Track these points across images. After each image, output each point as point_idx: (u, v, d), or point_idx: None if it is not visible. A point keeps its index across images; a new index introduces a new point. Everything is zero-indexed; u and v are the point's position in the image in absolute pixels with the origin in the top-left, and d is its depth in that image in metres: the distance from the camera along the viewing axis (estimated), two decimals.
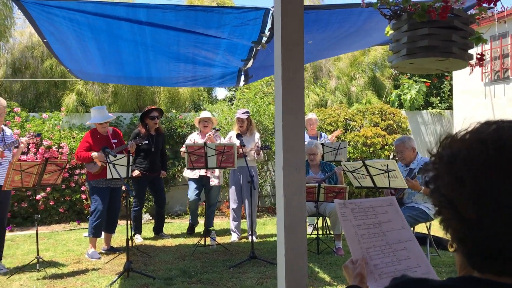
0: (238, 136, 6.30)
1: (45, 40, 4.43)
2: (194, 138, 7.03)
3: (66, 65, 5.31)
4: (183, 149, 6.81)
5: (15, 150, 5.52)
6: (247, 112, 6.85)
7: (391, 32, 2.37)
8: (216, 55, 5.13)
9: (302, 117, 2.05)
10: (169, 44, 4.74)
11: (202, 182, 6.98)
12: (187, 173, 7.13)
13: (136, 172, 6.57)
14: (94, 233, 5.89)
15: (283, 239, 2.05)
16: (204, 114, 7.24)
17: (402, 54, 2.20)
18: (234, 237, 6.83)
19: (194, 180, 7.06)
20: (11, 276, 5.01)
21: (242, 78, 6.15)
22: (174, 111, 10.06)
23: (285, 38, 2.03)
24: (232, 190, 6.86)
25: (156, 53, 5.03)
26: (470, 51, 2.26)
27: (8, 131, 5.47)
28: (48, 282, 4.80)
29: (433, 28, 2.06)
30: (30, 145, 8.06)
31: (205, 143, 6.05)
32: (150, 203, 8.62)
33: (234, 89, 13.28)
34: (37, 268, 5.21)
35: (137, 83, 6.87)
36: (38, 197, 5.95)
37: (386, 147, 9.31)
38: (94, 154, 5.79)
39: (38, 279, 4.93)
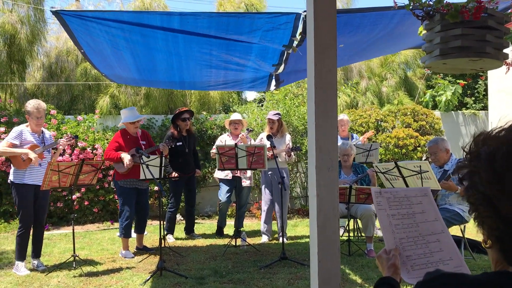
0: (269, 137, 6.32)
1: (82, 50, 4.58)
2: (225, 139, 7.10)
3: (102, 72, 5.46)
4: (213, 150, 6.88)
5: (53, 151, 5.70)
6: (278, 113, 6.87)
7: (424, 32, 2.35)
8: (248, 61, 5.18)
9: (335, 117, 2.06)
10: (202, 52, 4.82)
11: (233, 183, 7.03)
12: (218, 174, 7.19)
13: (174, 174, 6.67)
14: (125, 234, 6.01)
15: (316, 239, 2.06)
16: (235, 116, 7.29)
17: (435, 55, 2.18)
18: (264, 239, 6.85)
19: (226, 181, 7.12)
20: (49, 273, 5.18)
21: (273, 82, 6.18)
22: (204, 113, 10.17)
23: (318, 40, 2.05)
24: (264, 192, 6.88)
25: (189, 60, 5.11)
26: (505, 50, 2.22)
27: (47, 133, 5.66)
28: (84, 280, 4.94)
29: (466, 28, 2.04)
30: (66, 147, 8.29)
31: (235, 144, 6.10)
32: (181, 204, 8.74)
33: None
34: (74, 266, 5.37)
35: (170, 86, 7.01)
36: (73, 197, 6.10)
37: (419, 148, 9.17)
38: (124, 155, 5.87)
39: (74, 276, 5.08)
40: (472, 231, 7.05)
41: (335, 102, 2.06)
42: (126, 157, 5.84)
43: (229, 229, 7.58)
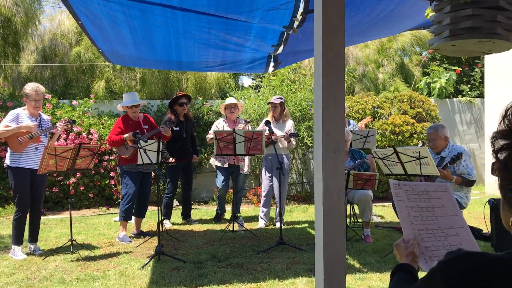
0: (267, 122, 6.28)
1: (80, 22, 4.48)
2: (222, 125, 7.06)
3: (99, 46, 5.34)
4: (210, 135, 6.85)
5: (49, 136, 5.65)
6: (280, 98, 6.83)
7: (431, 14, 2.32)
8: (247, 41, 5.11)
9: (342, 100, 2.04)
10: (200, 30, 4.75)
11: (230, 170, 7.03)
12: (215, 162, 7.17)
13: (171, 159, 6.65)
14: (125, 217, 6.01)
15: (321, 223, 2.04)
16: (230, 100, 7.25)
17: (444, 36, 2.15)
18: (261, 224, 6.86)
19: (222, 168, 7.11)
20: (46, 258, 5.16)
21: (271, 64, 6.11)
22: (200, 98, 10.11)
23: (325, 21, 2.01)
24: (264, 177, 6.87)
25: (187, 39, 5.04)
26: None
27: (45, 117, 5.61)
28: (82, 264, 4.92)
29: (477, 8, 2.01)
30: (62, 132, 8.23)
31: (233, 129, 6.07)
32: (177, 189, 8.72)
33: (261, 75, 13.27)
34: (71, 250, 5.35)
35: (167, 67, 6.89)
36: (69, 182, 6.07)
37: (415, 135, 9.19)
38: (126, 135, 5.90)
39: (72, 260, 5.06)
40: (468, 217, 7.10)
41: (342, 84, 2.03)
42: (128, 135, 5.89)
43: (226, 214, 7.59)
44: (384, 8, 4.20)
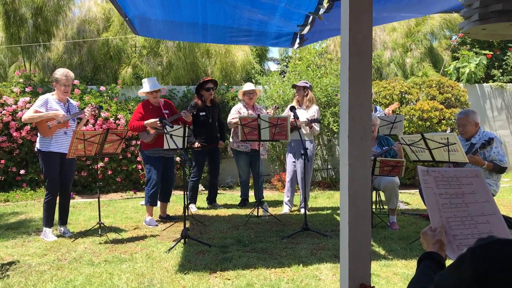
0: (292, 108, 6.25)
1: None
2: (244, 110, 7.06)
3: (126, 13, 5.23)
4: (234, 120, 6.87)
5: (77, 121, 5.76)
6: (306, 82, 6.78)
7: None
8: (272, 19, 5.04)
9: (369, 85, 2.00)
10: None
11: (250, 155, 7.08)
12: (237, 147, 7.19)
13: (197, 144, 6.70)
14: (151, 202, 6.09)
15: (347, 208, 2.03)
16: (248, 86, 7.22)
17: (473, 20, 2.08)
18: (285, 209, 6.86)
19: (243, 154, 7.15)
20: (76, 240, 5.29)
21: (297, 40, 6.01)
22: (226, 84, 10.11)
23: (352, 4, 1.97)
24: (288, 163, 6.86)
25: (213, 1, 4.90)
26: None
27: (73, 102, 5.71)
28: (110, 246, 5.03)
29: None
30: (90, 117, 8.37)
31: (258, 115, 6.06)
32: (203, 174, 8.79)
33: (286, 61, 13.16)
34: (99, 233, 5.48)
35: (192, 37, 6.63)
36: (97, 166, 6.19)
37: (443, 121, 9.00)
38: (147, 121, 5.96)
39: (100, 243, 5.18)
40: (498, 206, 6.96)
41: (369, 69, 2.00)
42: (149, 121, 5.94)
43: (250, 199, 7.62)
44: None
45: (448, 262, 1.31)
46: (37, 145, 5.41)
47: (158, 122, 5.78)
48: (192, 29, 5.84)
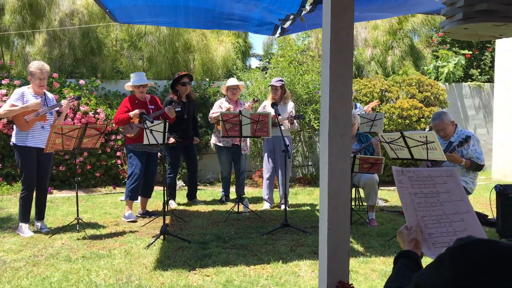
0: (273, 105, 6.25)
1: None
2: (225, 105, 7.03)
3: (105, 4, 5.09)
4: (214, 114, 6.85)
5: (56, 114, 5.66)
6: (281, 80, 6.79)
7: None
8: (252, 12, 5.00)
9: (350, 83, 2.01)
10: None
11: (232, 150, 7.06)
12: (218, 142, 7.18)
13: (172, 140, 6.64)
14: (131, 196, 6.04)
15: (326, 205, 2.04)
16: (232, 81, 7.20)
17: (457, 19, 2.10)
18: (266, 206, 6.88)
19: (225, 149, 7.14)
20: (53, 236, 5.21)
21: (279, 30, 5.98)
22: (207, 79, 10.05)
23: (334, 1, 1.97)
24: (266, 159, 6.87)
25: None
26: None
27: (50, 95, 5.61)
28: (88, 242, 4.97)
29: None
30: (69, 109, 8.25)
31: (240, 111, 6.04)
32: (183, 170, 8.75)
33: (268, 57, 13.15)
34: (77, 228, 5.40)
35: (174, 21, 6.39)
36: (76, 161, 6.09)
37: (423, 119, 9.12)
38: (131, 112, 5.92)
39: (78, 239, 5.11)
40: (474, 203, 7.08)
41: (351, 66, 2.00)
42: (134, 112, 5.91)
43: (231, 196, 7.61)
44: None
45: (424, 260, 1.32)
46: (13, 139, 5.30)
47: (138, 115, 5.74)
48: (174, 11, 5.65)
